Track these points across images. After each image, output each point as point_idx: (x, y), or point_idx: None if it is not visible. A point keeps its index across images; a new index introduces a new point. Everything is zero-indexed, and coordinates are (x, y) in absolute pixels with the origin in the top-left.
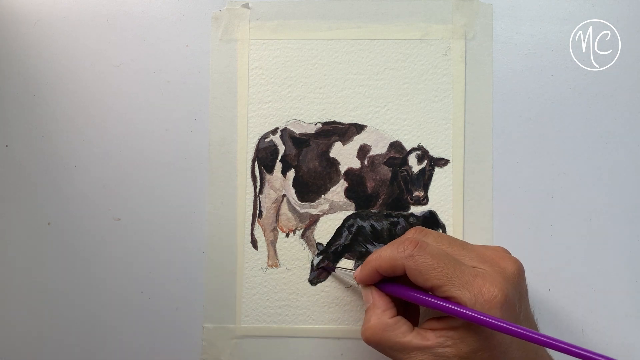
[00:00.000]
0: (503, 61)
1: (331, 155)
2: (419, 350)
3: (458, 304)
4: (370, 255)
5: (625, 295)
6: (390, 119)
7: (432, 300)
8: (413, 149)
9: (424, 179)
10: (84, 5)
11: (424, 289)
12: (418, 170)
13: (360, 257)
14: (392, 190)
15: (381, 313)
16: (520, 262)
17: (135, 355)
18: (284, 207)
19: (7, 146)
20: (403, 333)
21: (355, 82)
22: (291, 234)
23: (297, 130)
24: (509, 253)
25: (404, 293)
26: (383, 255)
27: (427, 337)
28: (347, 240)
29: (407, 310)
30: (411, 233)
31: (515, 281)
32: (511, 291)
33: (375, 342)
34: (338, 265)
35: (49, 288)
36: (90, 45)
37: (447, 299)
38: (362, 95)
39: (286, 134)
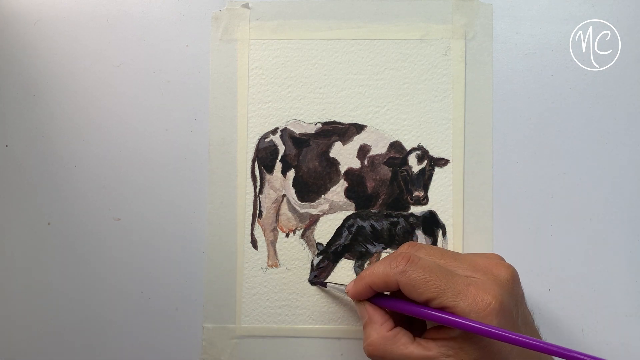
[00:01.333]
0: (503, 61)
1: (331, 155)
2: None
3: (452, 314)
4: (362, 271)
5: (625, 295)
6: (390, 119)
7: (426, 311)
8: (413, 149)
9: (424, 179)
10: (84, 5)
11: (419, 302)
12: (418, 170)
13: (360, 257)
14: (392, 190)
15: (379, 327)
16: (513, 268)
17: (135, 355)
18: (284, 207)
19: (7, 146)
20: (404, 345)
21: (355, 82)
22: (291, 234)
23: (297, 130)
24: (502, 259)
25: (398, 306)
26: (376, 272)
27: (429, 347)
28: (347, 240)
29: (412, 320)
30: (404, 248)
31: (510, 287)
32: (506, 297)
33: (379, 357)
34: (334, 272)
35: (49, 288)
36: (90, 45)
37: (442, 309)
38: (362, 95)
39: (286, 134)
